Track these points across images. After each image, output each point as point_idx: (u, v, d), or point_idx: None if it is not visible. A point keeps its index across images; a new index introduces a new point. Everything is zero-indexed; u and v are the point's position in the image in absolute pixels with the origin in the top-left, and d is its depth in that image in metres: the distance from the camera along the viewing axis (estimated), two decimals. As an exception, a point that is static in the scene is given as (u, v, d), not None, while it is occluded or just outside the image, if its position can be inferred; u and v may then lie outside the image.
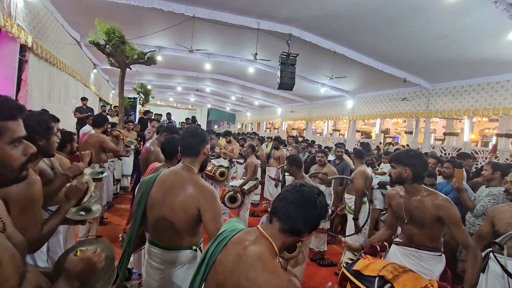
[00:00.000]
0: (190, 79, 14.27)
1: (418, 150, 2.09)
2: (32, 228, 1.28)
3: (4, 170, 0.82)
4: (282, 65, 6.63)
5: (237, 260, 1.02)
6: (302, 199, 1.05)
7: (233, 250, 1.06)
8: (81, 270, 0.94)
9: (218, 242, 1.13)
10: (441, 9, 4.89)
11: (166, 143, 2.42)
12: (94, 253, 0.98)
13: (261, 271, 0.95)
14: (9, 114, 0.82)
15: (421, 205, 1.91)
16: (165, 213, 1.60)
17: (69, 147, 2.57)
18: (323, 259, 4.09)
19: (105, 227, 4.40)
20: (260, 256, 0.98)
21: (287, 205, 1.05)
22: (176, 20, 6.30)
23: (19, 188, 1.23)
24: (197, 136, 1.68)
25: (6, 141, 0.81)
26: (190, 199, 1.57)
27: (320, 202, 1.07)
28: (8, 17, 4.27)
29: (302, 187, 1.09)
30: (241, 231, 1.13)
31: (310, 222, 1.05)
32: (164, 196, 1.63)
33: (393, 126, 19.89)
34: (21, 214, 1.24)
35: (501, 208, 2.25)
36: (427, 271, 1.87)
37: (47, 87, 6.25)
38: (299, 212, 1.03)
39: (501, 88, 7.30)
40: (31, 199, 1.27)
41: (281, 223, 1.04)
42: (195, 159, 1.69)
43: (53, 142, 1.74)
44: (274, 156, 6.51)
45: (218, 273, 1.07)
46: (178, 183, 1.63)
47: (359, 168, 3.84)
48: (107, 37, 5.47)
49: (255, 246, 1.02)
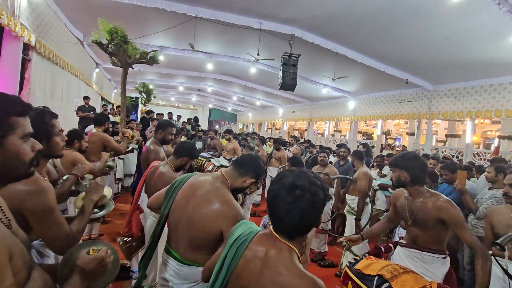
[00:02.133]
0: (192, 79, 14.30)
1: (415, 152, 2.08)
2: (61, 235, 1.26)
3: (17, 164, 0.84)
4: (284, 66, 6.63)
5: (260, 264, 0.99)
6: (286, 208, 0.95)
7: (254, 254, 1.03)
8: (93, 269, 0.97)
9: (238, 246, 1.07)
10: (444, 11, 4.88)
11: (181, 144, 2.48)
12: (106, 253, 1.02)
13: (287, 274, 0.93)
14: (21, 110, 0.86)
15: (423, 207, 1.91)
16: (184, 222, 1.47)
17: (77, 144, 2.60)
18: (324, 259, 4.09)
19: (106, 226, 4.41)
20: (285, 261, 0.96)
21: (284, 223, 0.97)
22: (179, 20, 6.31)
23: (32, 200, 1.19)
24: (258, 165, 1.58)
25: (19, 135, 0.84)
26: (214, 217, 1.41)
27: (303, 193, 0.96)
28: (11, 16, 4.29)
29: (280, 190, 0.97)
30: (259, 234, 1.09)
31: (315, 216, 0.99)
32: (188, 203, 1.49)
33: (395, 127, 19.84)
34: (44, 225, 1.23)
35: (498, 210, 2.25)
36: (430, 273, 1.86)
37: (49, 86, 6.28)
38: (291, 222, 0.96)
39: (504, 90, 7.27)
40: (48, 209, 1.23)
41: (285, 236, 1.00)
42: (240, 177, 1.55)
43: (56, 143, 1.65)
44: (276, 156, 6.52)
45: (240, 278, 1.04)
46: (206, 192, 1.47)
47: (361, 169, 3.83)
48: (109, 36, 5.48)
49: (277, 250, 0.99)
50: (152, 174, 2.39)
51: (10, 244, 0.77)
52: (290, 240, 1.00)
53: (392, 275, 1.42)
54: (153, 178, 2.35)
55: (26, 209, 1.19)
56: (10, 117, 0.82)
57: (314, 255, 4.17)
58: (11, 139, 0.82)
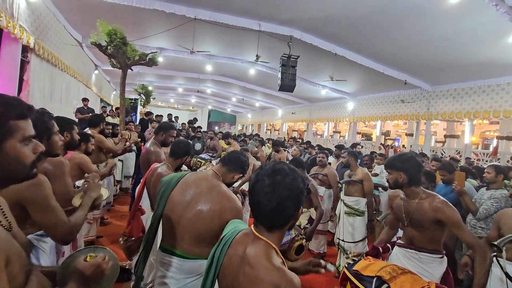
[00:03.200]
0: (191, 81, 14.31)
1: (410, 153, 2.08)
2: (59, 222, 1.37)
3: (17, 167, 0.85)
4: (283, 67, 6.64)
5: (239, 261, 1.03)
6: (264, 191, 0.97)
7: (235, 251, 1.06)
8: (90, 276, 0.98)
9: (223, 245, 1.12)
10: (442, 12, 4.90)
11: (177, 143, 2.45)
12: (103, 260, 1.02)
13: (259, 267, 0.95)
14: (20, 113, 0.85)
15: (419, 207, 1.91)
16: (188, 217, 1.54)
17: (83, 146, 2.65)
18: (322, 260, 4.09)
19: (105, 227, 4.40)
20: (257, 255, 0.98)
21: (262, 208, 0.98)
22: (178, 21, 6.33)
23: (30, 190, 1.31)
24: (244, 161, 1.77)
25: (18, 139, 0.84)
26: (221, 209, 1.54)
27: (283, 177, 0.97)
28: (10, 18, 4.29)
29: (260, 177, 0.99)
30: (240, 232, 1.13)
31: (293, 204, 0.99)
32: (190, 200, 1.58)
33: (394, 128, 19.87)
34: (43, 214, 1.35)
35: (508, 212, 2.24)
36: (428, 274, 1.87)
37: (48, 88, 6.28)
38: (269, 205, 0.96)
39: (502, 90, 7.30)
40: (45, 197, 1.35)
41: (264, 226, 1.02)
42: (229, 173, 1.73)
43: (55, 141, 1.69)
44: (275, 158, 6.52)
45: (225, 276, 1.08)
46: (207, 189, 1.59)
47: (362, 169, 3.82)
48: (108, 38, 5.49)
49: (253, 246, 1.02)
50: (152, 175, 2.39)
51: (7, 249, 0.77)
52: (269, 233, 1.02)
53: (391, 276, 1.43)
54: (152, 179, 2.35)
55: (25, 199, 1.30)
56: (8, 121, 0.82)
57: (313, 256, 4.17)
58: (10, 143, 0.82)
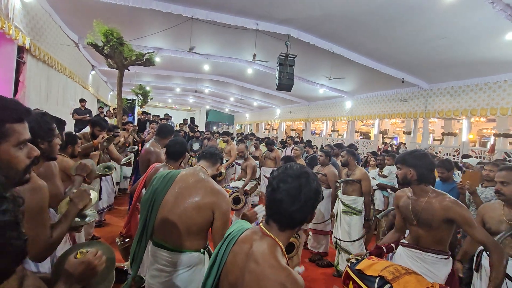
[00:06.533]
0: (189, 80, 14.26)
1: (424, 151, 2.02)
2: (42, 234, 1.24)
3: (9, 172, 0.82)
4: (280, 66, 6.63)
5: (245, 258, 1.03)
6: (289, 192, 0.99)
7: (241, 249, 1.06)
8: (81, 273, 0.93)
9: (228, 243, 1.13)
10: (439, 10, 4.91)
11: (172, 144, 2.41)
12: (95, 255, 0.98)
13: (264, 265, 0.95)
14: (17, 117, 0.83)
15: (428, 206, 1.87)
16: (176, 212, 1.60)
17: (70, 149, 2.47)
18: (322, 259, 4.09)
19: (103, 228, 4.38)
20: (264, 252, 0.99)
21: (283, 207, 0.99)
22: (175, 21, 6.29)
23: (26, 195, 1.18)
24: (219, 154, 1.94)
25: (12, 143, 0.81)
26: (208, 202, 1.60)
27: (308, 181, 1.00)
28: (5, 19, 4.25)
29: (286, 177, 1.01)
30: (247, 230, 1.13)
31: (307, 208, 1.01)
32: (177, 195, 1.64)
33: (392, 126, 19.92)
34: (30, 222, 1.21)
35: (491, 206, 2.25)
36: (432, 274, 1.84)
37: (45, 89, 6.22)
38: (292, 206, 0.99)
39: (499, 88, 7.33)
40: (40, 206, 1.24)
41: (278, 224, 1.03)
42: (213, 166, 1.86)
43: (55, 144, 1.64)
44: (270, 156, 6.54)
45: (229, 273, 1.08)
46: (194, 183, 1.66)
47: (360, 169, 3.82)
48: (105, 38, 5.45)
49: (260, 243, 1.02)
50: (153, 175, 2.38)
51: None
52: (280, 232, 1.03)
53: (394, 276, 1.41)
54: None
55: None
56: (4, 125, 0.79)
57: (312, 255, 4.17)
58: (3, 147, 0.80)
